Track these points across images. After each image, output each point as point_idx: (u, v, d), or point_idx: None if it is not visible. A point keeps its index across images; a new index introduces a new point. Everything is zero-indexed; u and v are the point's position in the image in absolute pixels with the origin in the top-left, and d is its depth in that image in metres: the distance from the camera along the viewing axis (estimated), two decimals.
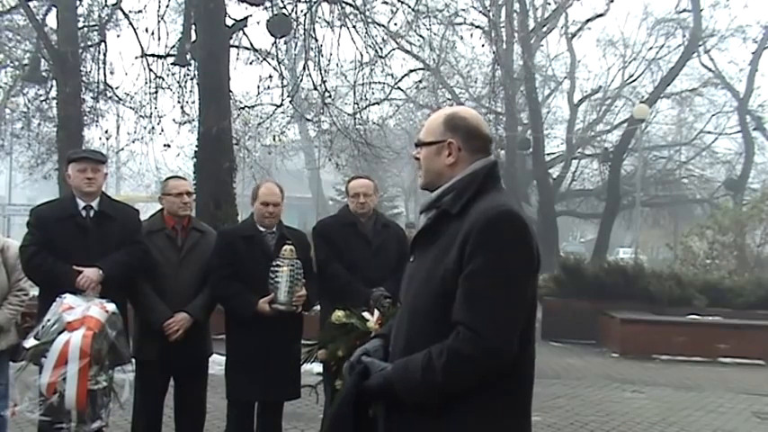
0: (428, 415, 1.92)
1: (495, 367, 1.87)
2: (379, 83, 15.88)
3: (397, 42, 14.05)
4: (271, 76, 13.22)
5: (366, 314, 3.37)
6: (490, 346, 1.84)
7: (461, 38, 16.50)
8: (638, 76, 24.77)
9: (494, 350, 1.85)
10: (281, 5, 11.99)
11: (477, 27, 17.32)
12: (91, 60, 13.07)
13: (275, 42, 12.55)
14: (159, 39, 15.61)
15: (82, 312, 3.23)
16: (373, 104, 16.14)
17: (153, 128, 13.83)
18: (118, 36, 14.50)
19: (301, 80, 13.28)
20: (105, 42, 13.18)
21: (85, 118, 12.60)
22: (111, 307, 3.34)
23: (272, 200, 3.94)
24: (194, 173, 10.58)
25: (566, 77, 25.76)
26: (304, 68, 12.87)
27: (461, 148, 2.04)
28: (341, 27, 12.43)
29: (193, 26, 11.59)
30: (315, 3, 12.13)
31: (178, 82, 13.40)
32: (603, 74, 26.81)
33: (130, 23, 13.00)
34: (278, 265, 3.76)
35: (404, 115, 23.70)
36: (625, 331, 9.77)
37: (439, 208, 2.05)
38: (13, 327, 4.02)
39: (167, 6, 13.08)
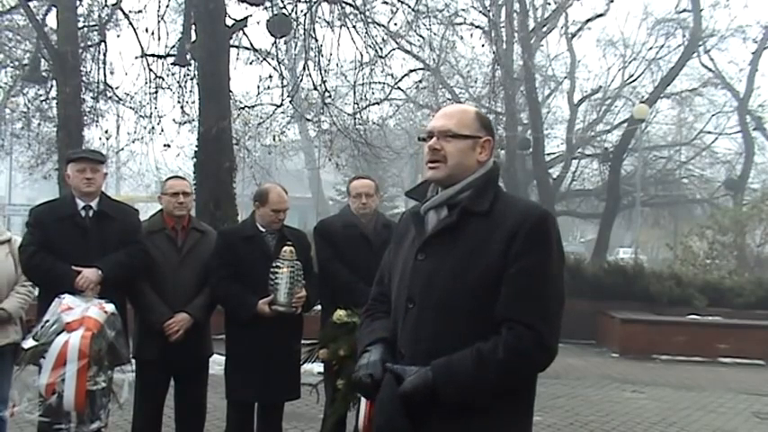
0: (453, 416, 1.89)
1: (547, 364, 1.91)
2: (379, 83, 15.84)
3: (397, 42, 14.01)
4: (271, 76, 13.19)
5: None
6: (546, 342, 1.88)
7: (461, 38, 16.41)
8: (638, 76, 24.69)
9: (549, 347, 1.89)
10: (281, 5, 11.97)
11: (477, 27, 17.29)
12: (91, 60, 13.03)
13: (275, 42, 12.52)
14: (159, 39, 15.66)
15: (81, 313, 3.23)
16: (373, 104, 16.09)
17: (153, 128, 13.78)
18: (118, 36, 14.51)
19: (301, 80, 13.25)
20: (105, 42, 13.15)
21: (85, 118, 12.55)
22: (110, 307, 3.34)
23: (285, 207, 3.96)
24: (194, 173, 10.56)
25: (566, 77, 25.68)
26: (304, 68, 12.84)
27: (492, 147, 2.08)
28: (341, 27, 12.41)
29: (193, 26, 11.56)
30: (315, 3, 12.11)
31: (178, 82, 13.38)
32: (603, 74, 26.75)
33: (130, 23, 12.97)
34: (278, 266, 3.75)
35: (404, 115, 23.65)
36: (625, 331, 9.78)
37: (454, 206, 2.03)
38: (18, 320, 3.99)
39: (167, 6, 13.07)
